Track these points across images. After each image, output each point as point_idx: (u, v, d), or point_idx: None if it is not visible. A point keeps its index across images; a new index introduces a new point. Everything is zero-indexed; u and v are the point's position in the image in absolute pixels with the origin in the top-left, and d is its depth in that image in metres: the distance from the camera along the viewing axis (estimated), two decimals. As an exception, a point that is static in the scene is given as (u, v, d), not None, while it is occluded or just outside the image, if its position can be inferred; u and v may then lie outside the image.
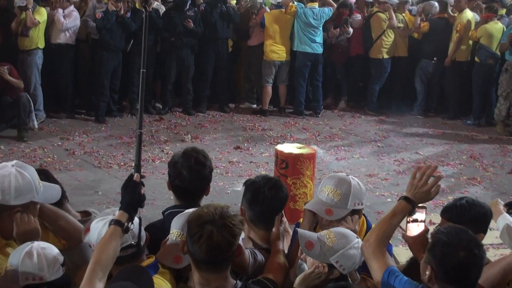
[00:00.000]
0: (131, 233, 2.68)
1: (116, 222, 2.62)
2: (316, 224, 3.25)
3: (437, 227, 2.86)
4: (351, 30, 10.85)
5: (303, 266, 2.95)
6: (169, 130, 9.64)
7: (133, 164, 3.09)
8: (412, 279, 2.69)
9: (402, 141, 9.71)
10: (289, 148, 6.63)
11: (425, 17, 11.03)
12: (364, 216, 3.36)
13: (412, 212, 2.88)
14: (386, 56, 10.97)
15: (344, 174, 3.36)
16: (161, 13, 10.21)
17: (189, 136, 9.34)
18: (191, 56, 10.38)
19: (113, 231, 2.60)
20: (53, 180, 3.28)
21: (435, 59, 10.85)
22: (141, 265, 2.72)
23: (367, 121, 10.85)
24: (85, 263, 2.69)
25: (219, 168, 7.83)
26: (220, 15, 10.40)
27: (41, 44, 9.37)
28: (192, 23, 10.08)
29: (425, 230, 2.97)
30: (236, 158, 8.46)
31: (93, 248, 2.71)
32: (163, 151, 8.58)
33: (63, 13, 9.43)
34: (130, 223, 2.65)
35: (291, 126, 10.29)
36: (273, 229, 3.09)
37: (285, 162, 6.35)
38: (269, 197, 3.10)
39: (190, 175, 3.25)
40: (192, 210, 2.69)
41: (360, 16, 11.14)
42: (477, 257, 2.49)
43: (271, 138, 9.48)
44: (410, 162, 8.69)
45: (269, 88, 10.75)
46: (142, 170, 2.81)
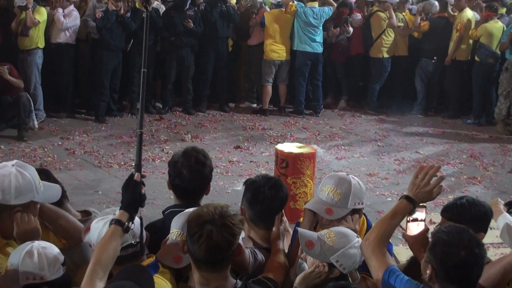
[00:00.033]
0: (131, 232, 2.69)
1: (116, 222, 2.63)
2: (316, 224, 3.25)
3: (437, 226, 2.86)
4: (351, 29, 10.84)
5: (303, 265, 2.95)
6: (169, 130, 9.64)
7: (133, 164, 3.09)
8: (412, 278, 2.69)
9: (402, 140, 9.71)
10: (289, 147, 6.63)
11: (425, 16, 11.02)
12: (365, 215, 3.36)
13: (412, 211, 2.88)
14: (386, 55, 10.96)
15: (344, 173, 3.36)
16: (161, 12, 10.22)
17: (189, 135, 9.34)
18: (191, 56, 10.38)
19: (114, 231, 2.61)
20: (53, 180, 3.29)
21: (435, 58, 10.84)
22: (142, 265, 2.72)
23: (367, 120, 10.84)
24: (86, 262, 2.70)
25: (219, 168, 7.83)
26: (220, 14, 10.40)
27: (41, 43, 9.37)
28: (192, 23, 10.08)
29: (425, 229, 2.97)
30: (236, 157, 8.45)
31: (94, 247, 2.71)
32: (163, 150, 8.58)
33: (63, 13, 9.43)
34: (130, 222, 2.66)
35: (291, 125, 10.29)
36: (273, 228, 3.09)
37: (285, 161, 6.35)
38: (269, 197, 3.10)
39: (190, 174, 3.25)
40: (192, 210, 2.69)
41: (360, 15, 11.14)
42: (477, 256, 2.49)
43: (271, 137, 9.48)
44: (410, 161, 8.68)
45: (269, 88, 10.75)
46: (143, 169, 2.81)
